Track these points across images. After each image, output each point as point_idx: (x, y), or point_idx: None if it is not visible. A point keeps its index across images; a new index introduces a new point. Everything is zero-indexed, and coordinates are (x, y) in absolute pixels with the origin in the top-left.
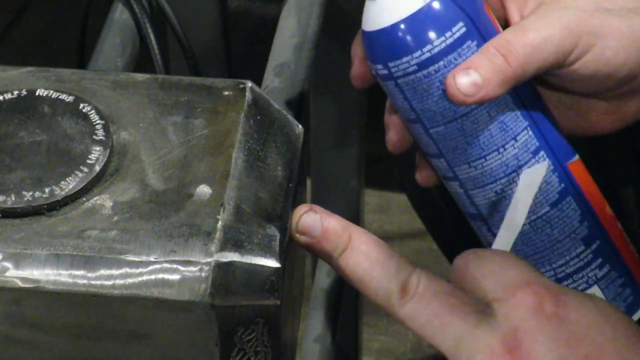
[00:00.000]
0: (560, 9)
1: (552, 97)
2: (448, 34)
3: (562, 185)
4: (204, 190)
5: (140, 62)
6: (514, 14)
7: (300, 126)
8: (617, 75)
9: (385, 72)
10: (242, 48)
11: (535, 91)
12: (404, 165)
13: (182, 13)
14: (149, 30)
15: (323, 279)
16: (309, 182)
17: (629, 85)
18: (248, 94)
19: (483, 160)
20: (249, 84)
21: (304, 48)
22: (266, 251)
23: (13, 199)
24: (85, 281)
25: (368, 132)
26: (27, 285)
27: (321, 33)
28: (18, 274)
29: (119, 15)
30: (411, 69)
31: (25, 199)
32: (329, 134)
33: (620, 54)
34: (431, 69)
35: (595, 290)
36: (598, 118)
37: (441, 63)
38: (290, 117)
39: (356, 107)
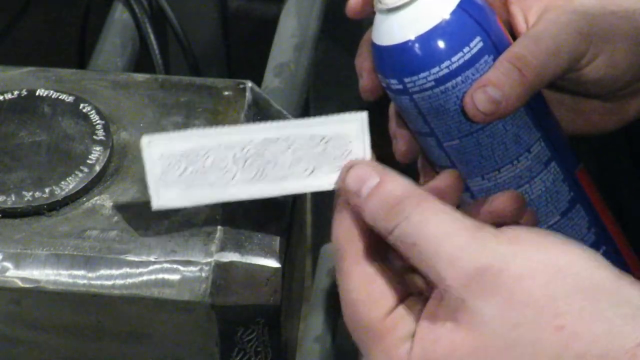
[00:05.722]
0: (569, 13)
1: (553, 98)
2: (466, 49)
3: (572, 193)
4: None
5: (140, 62)
6: (518, 18)
7: None
8: (624, 78)
9: (400, 87)
10: (242, 48)
11: (544, 99)
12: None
13: (182, 13)
14: (149, 30)
15: (323, 279)
16: None
17: (632, 86)
18: (248, 94)
19: (497, 172)
20: (249, 84)
21: (304, 48)
22: (266, 251)
23: (13, 199)
24: (85, 281)
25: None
26: (27, 285)
27: (321, 33)
28: (18, 274)
29: (119, 15)
30: (428, 85)
31: (25, 199)
32: None
33: (628, 57)
34: (449, 84)
35: None
36: (599, 118)
37: (459, 79)
38: (290, 117)
39: (356, 107)
